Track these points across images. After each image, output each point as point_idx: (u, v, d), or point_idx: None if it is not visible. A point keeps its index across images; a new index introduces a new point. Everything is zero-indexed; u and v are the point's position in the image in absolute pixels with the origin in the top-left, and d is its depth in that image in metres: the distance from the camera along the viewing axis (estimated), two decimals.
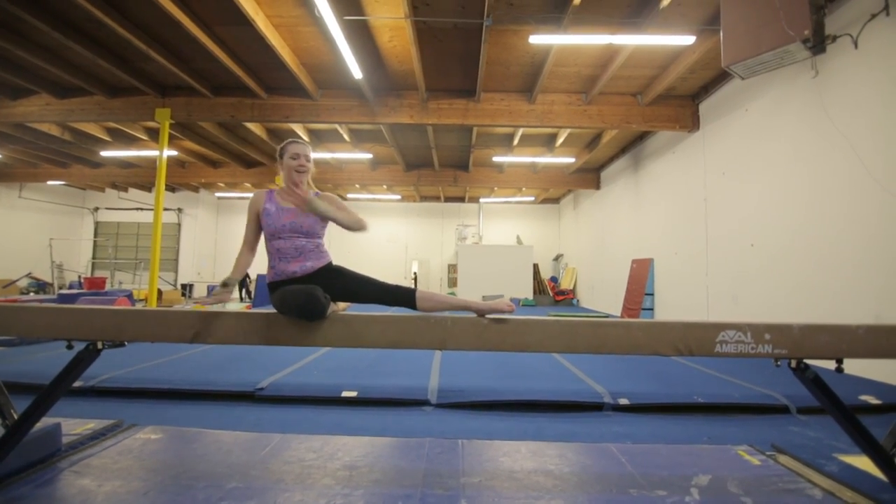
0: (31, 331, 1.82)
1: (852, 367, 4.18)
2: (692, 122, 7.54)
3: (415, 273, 17.42)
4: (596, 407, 3.30)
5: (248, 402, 3.32)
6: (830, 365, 1.73)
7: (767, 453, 2.41)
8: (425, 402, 3.31)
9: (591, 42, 5.77)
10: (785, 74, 5.29)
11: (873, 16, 4.04)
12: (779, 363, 1.67)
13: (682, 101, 7.63)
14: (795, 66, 4.71)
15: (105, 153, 11.18)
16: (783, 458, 2.34)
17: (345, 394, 3.33)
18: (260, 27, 5.50)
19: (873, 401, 3.40)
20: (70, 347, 1.94)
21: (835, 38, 4.17)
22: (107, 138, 10.24)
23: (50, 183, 14.62)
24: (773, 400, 3.36)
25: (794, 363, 1.66)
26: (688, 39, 5.59)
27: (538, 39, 5.58)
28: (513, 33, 5.90)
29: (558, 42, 5.70)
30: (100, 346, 1.87)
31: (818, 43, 3.72)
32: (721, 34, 4.15)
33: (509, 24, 5.58)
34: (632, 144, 10.19)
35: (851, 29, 4.31)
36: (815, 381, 1.68)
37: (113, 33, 5.98)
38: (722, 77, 6.68)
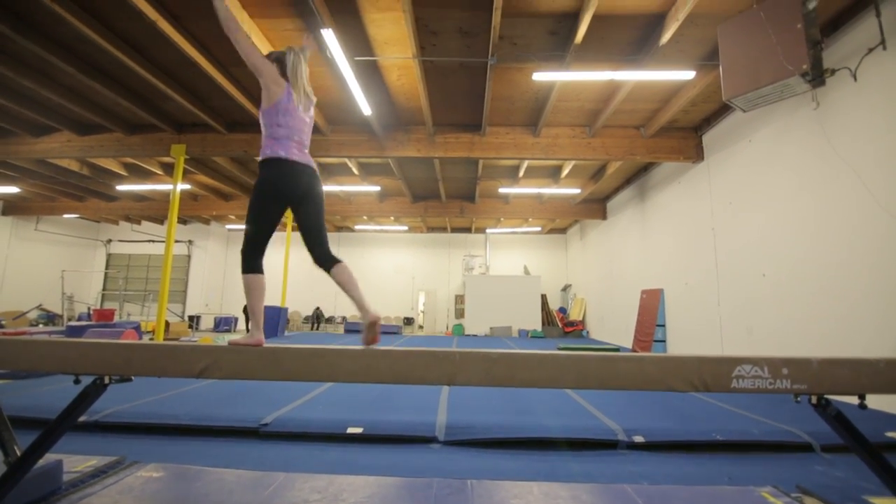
0: (39, 364, 1.82)
1: (877, 402, 4.03)
2: (696, 153, 7.62)
3: (422, 308, 17.27)
4: (610, 445, 3.18)
5: (252, 438, 3.26)
6: (853, 400, 1.67)
7: (793, 495, 2.29)
8: (433, 440, 3.22)
9: (593, 78, 5.94)
10: (786, 106, 5.38)
11: (870, 50, 4.13)
12: (798, 399, 1.61)
13: (685, 132, 7.75)
14: (796, 98, 4.80)
15: (121, 187, 11.49)
16: (810, 501, 2.22)
17: (350, 430, 3.26)
18: None
19: None
20: (77, 382, 1.94)
21: (833, 72, 4.25)
22: (123, 173, 10.57)
23: (66, 216, 15.00)
24: (796, 437, 3.23)
25: (814, 399, 1.60)
26: (688, 74, 5.73)
27: (541, 76, 5.76)
28: (517, 71, 6.10)
29: (561, 78, 5.88)
30: (107, 380, 1.86)
31: (817, 76, 3.79)
32: (721, 69, 4.26)
33: (513, 62, 5.78)
34: (637, 175, 10.28)
35: (850, 62, 4.40)
36: (837, 418, 1.62)
37: (135, 75, 6.28)
38: (724, 109, 6.80)
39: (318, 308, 17.17)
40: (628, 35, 5.27)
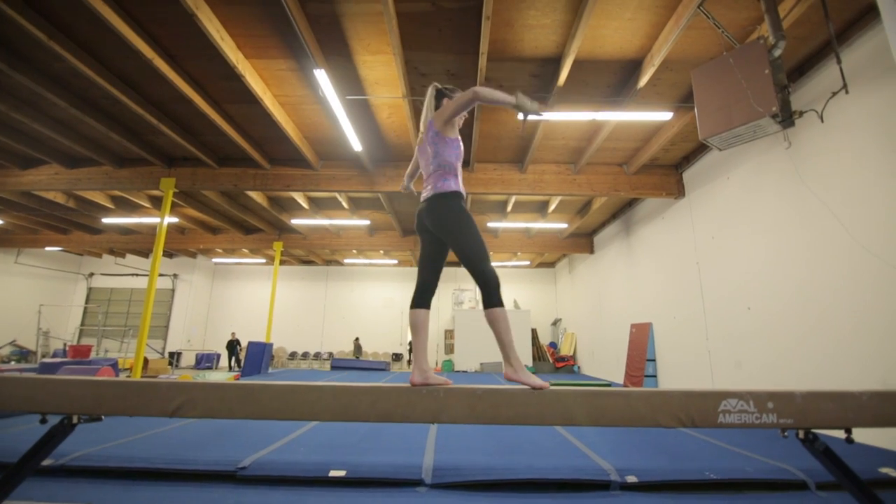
0: (4, 403, 1.73)
1: (869, 436, 4.01)
2: (678, 190, 7.85)
3: (410, 342, 16.94)
4: (602, 486, 3.08)
5: (229, 483, 3.09)
6: (843, 434, 1.65)
7: None
8: (419, 482, 3.09)
9: (575, 118, 6.17)
10: (761, 145, 5.63)
11: (834, 93, 4.38)
12: (786, 434, 1.60)
13: (666, 170, 8.02)
14: (769, 137, 5.04)
15: (107, 220, 11.38)
16: None
17: (332, 473, 3.12)
18: (267, 105, 5.88)
19: (895, 473, 3.20)
20: (44, 421, 1.84)
21: (801, 114, 4.47)
22: (110, 206, 10.49)
23: (48, 249, 14.71)
24: (790, 475, 3.16)
25: (801, 434, 1.59)
26: (665, 115, 6.00)
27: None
28: (503, 111, 6.32)
29: (545, 118, 6.10)
30: (75, 420, 1.77)
31: (786, 118, 3.99)
32: (696, 111, 4.46)
33: None
34: (622, 210, 10.51)
35: (816, 104, 4.65)
36: (826, 454, 1.60)
37: (128, 109, 6.37)
38: (701, 148, 7.08)
39: (357, 339, 16.59)
40: (608, 78, 5.53)
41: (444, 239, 2.26)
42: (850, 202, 4.42)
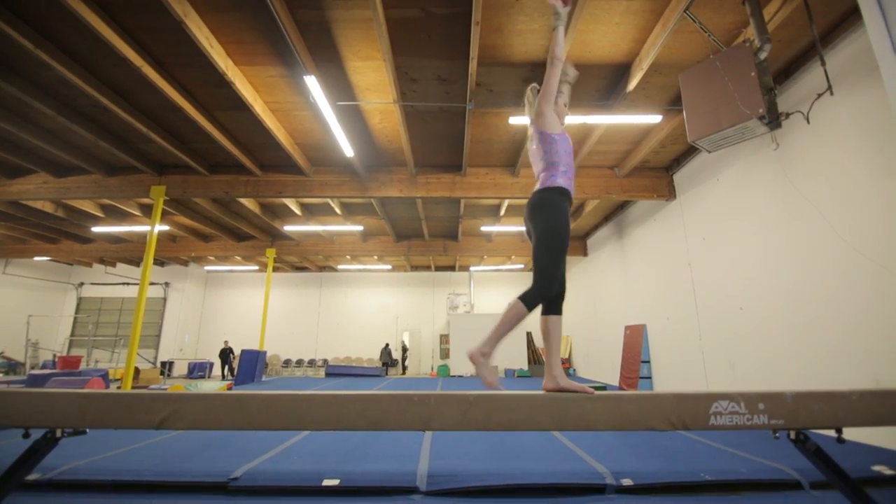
0: None
1: (861, 434, 4.03)
2: (668, 192, 7.91)
3: (404, 346, 16.74)
4: (598, 489, 3.07)
5: (220, 494, 3.04)
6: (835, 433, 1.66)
7: None
8: (414, 490, 3.06)
9: (566, 122, 6.19)
10: (749, 147, 5.68)
11: (819, 95, 4.44)
12: (777, 434, 1.60)
13: (656, 172, 8.08)
14: (757, 139, 5.09)
15: (96, 229, 11.26)
16: None
17: (326, 482, 3.08)
18: (258, 112, 5.86)
19: (888, 471, 3.22)
20: (27, 436, 1.80)
21: (788, 115, 4.54)
22: (100, 214, 10.39)
23: (37, 258, 14.52)
24: (784, 475, 3.17)
25: (792, 434, 1.59)
26: (655, 118, 6.05)
27: (517, 120, 6.00)
28: (494, 115, 6.35)
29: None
30: (59, 433, 1.74)
31: (773, 120, 4.04)
32: (684, 113, 4.51)
33: (490, 107, 6.02)
34: (614, 213, 10.57)
35: (802, 106, 4.71)
36: (817, 454, 1.61)
37: (116, 117, 6.32)
38: (691, 150, 7.14)
39: (387, 345, 16.25)
40: (598, 82, 5.58)
41: (531, 231, 2.11)
42: (838, 202, 4.47)
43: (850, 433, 1.67)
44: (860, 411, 1.58)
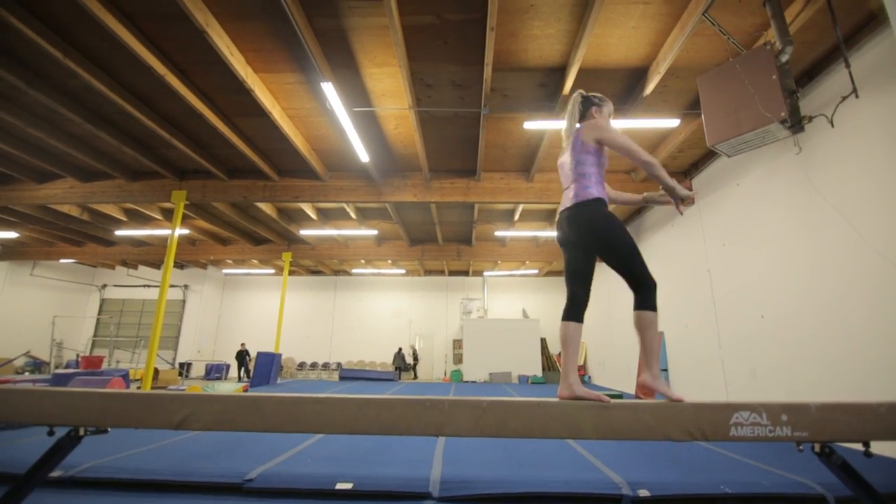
0: (12, 415, 1.75)
1: (892, 448, 3.87)
2: None
3: (414, 351, 16.59)
4: (614, 500, 3.01)
5: (235, 495, 3.07)
6: (860, 446, 1.60)
7: None
8: (426, 496, 3.05)
9: None
10: (770, 151, 5.56)
11: (843, 98, 4.32)
12: (801, 447, 1.55)
13: (675, 176, 7.85)
14: (779, 143, 4.97)
15: (119, 232, 11.58)
16: None
17: (339, 486, 3.09)
18: (276, 118, 5.96)
19: None
20: (51, 434, 1.85)
21: (811, 119, 4.42)
22: (123, 218, 10.68)
23: (62, 261, 14.98)
24: (808, 489, 3.06)
25: (817, 447, 1.54)
26: (673, 122, 5.97)
27: (532, 125, 5.98)
28: (509, 120, 6.34)
29: (551, 127, 6.10)
30: (81, 432, 1.78)
31: (796, 123, 3.95)
32: (703, 117, 4.43)
33: (505, 112, 6.02)
34: (631, 218, 10.43)
35: (826, 109, 4.59)
36: (843, 467, 1.55)
37: (140, 124, 6.51)
38: (710, 155, 7.02)
39: (400, 349, 16.22)
40: (614, 86, 5.53)
41: (591, 248, 2.20)
42: (864, 207, 4.33)
43: (878, 447, 1.60)
44: (889, 424, 1.52)
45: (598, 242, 2.17)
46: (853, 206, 4.46)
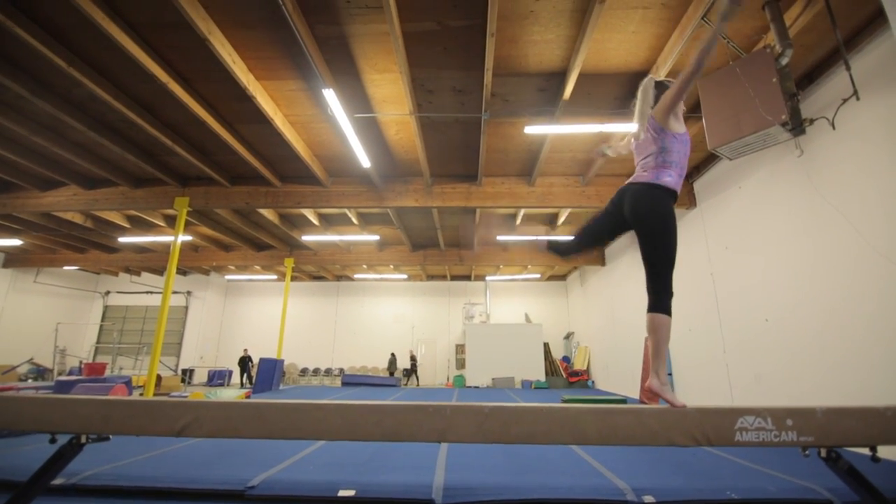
0: (14, 422, 1.75)
1: None
2: (689, 200, 7.77)
3: (412, 357, 16.36)
4: None
5: (237, 502, 3.06)
6: (868, 451, 1.58)
7: None
8: (430, 503, 3.03)
9: (582, 131, 6.18)
10: (772, 154, 5.55)
11: (844, 100, 4.33)
12: (807, 452, 1.53)
13: None
14: (780, 146, 4.97)
15: (123, 239, 11.62)
16: None
17: (341, 493, 3.07)
18: (278, 125, 5.99)
19: None
20: (53, 441, 1.85)
21: (812, 121, 4.43)
22: (126, 225, 10.72)
23: (66, 268, 15.03)
24: (815, 494, 3.03)
25: (823, 452, 1.52)
26: None
27: (533, 130, 6.00)
28: (509, 125, 6.36)
29: (551, 132, 6.11)
30: (83, 440, 1.78)
31: (796, 126, 3.95)
32: (704, 121, 4.44)
33: (505, 117, 6.04)
34: None
35: (827, 112, 4.59)
36: (850, 472, 1.53)
37: (143, 131, 6.55)
38: (712, 158, 7.01)
39: (392, 354, 16.10)
40: (614, 90, 5.54)
41: (638, 230, 2.16)
42: (866, 210, 4.32)
43: (885, 451, 1.58)
44: (894, 428, 1.50)
45: (648, 233, 2.12)
46: (855, 208, 4.44)
